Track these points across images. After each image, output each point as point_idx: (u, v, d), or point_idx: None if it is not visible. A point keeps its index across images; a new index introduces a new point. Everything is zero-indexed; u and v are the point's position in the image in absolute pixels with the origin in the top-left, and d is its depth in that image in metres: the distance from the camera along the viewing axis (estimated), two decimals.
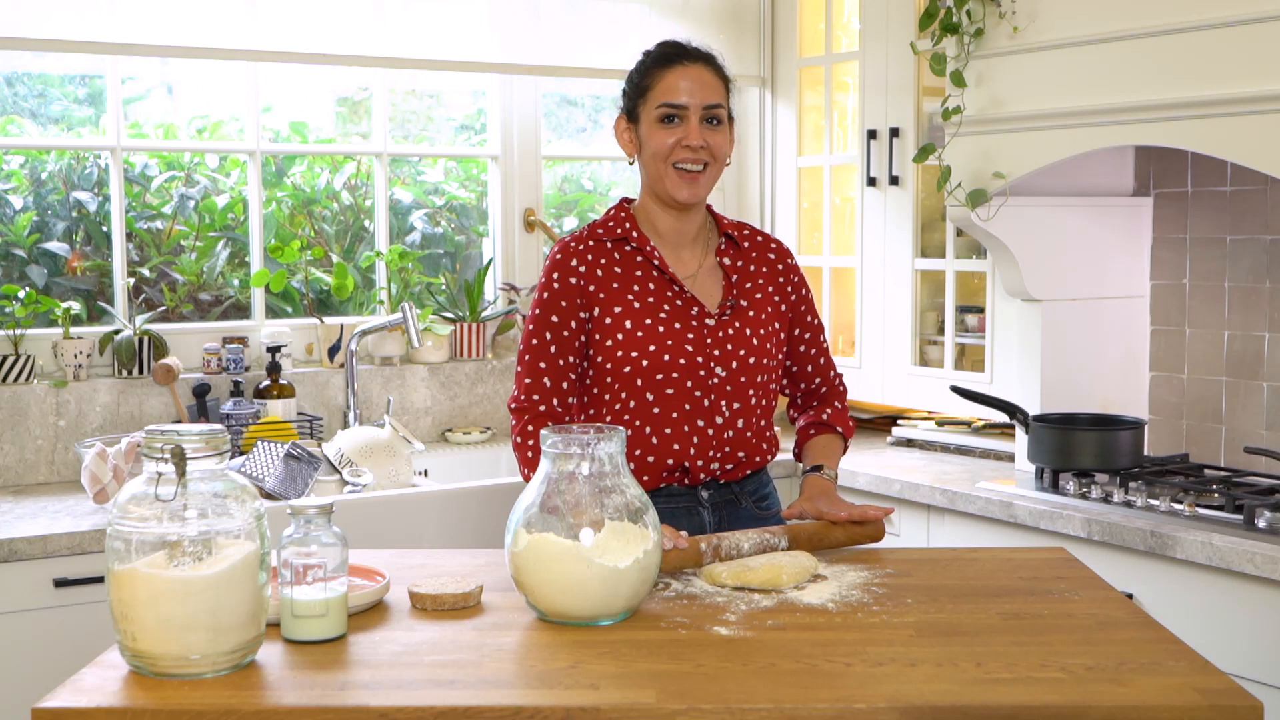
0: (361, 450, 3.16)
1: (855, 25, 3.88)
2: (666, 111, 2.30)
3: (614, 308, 2.32)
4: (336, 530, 1.79)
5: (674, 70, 2.31)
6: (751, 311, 2.37)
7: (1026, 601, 1.95)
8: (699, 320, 2.33)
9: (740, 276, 2.40)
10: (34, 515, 2.89)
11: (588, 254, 2.35)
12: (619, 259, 2.36)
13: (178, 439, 1.63)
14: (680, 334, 2.31)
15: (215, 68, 3.67)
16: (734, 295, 2.37)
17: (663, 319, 2.31)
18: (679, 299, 2.34)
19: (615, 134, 2.42)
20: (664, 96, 2.31)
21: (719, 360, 2.32)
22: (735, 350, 2.33)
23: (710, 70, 2.34)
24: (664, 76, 2.32)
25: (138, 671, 1.65)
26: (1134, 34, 2.84)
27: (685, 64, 2.32)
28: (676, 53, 2.34)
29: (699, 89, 2.30)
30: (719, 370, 2.32)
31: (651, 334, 2.30)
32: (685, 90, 2.30)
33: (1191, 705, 1.55)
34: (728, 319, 2.35)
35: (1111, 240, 3.38)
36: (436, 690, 1.59)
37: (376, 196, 3.84)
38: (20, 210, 3.51)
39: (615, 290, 2.33)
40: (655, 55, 2.36)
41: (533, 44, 3.84)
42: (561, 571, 1.80)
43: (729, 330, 2.34)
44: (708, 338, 2.32)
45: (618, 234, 2.37)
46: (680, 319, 2.32)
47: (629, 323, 2.31)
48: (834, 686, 1.60)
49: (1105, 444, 3.06)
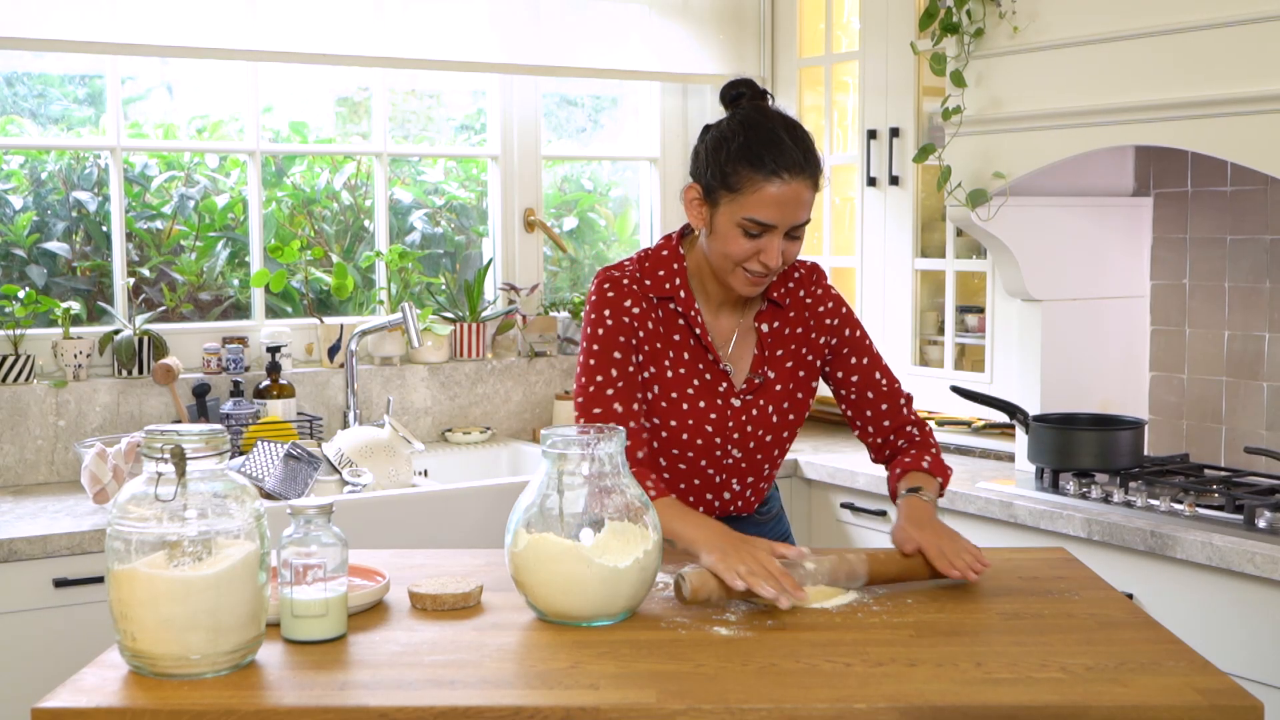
0: (361, 450, 3.16)
1: (855, 25, 3.88)
2: (751, 227, 2.09)
3: (650, 366, 2.22)
4: (336, 530, 1.79)
5: (773, 184, 2.07)
6: (778, 385, 2.27)
7: (1026, 601, 1.95)
8: (724, 398, 2.23)
9: (774, 342, 2.27)
10: (34, 515, 2.89)
11: (641, 299, 2.21)
12: (662, 316, 2.23)
13: (178, 439, 1.63)
14: (704, 413, 2.22)
15: (215, 68, 3.67)
16: (763, 370, 2.25)
17: (690, 395, 2.22)
18: (709, 372, 2.23)
19: (683, 201, 2.20)
20: (753, 211, 2.08)
21: (737, 443, 2.26)
22: (754, 432, 2.25)
23: (808, 185, 2.10)
24: (760, 187, 2.07)
25: (138, 671, 1.65)
26: (1134, 34, 2.84)
27: (788, 180, 2.07)
28: (780, 163, 2.08)
29: (793, 209, 2.09)
30: (735, 452, 2.27)
31: (675, 408, 2.22)
32: (778, 209, 2.08)
33: (1191, 705, 1.56)
34: (752, 399, 2.25)
35: (1111, 240, 3.38)
36: (436, 690, 1.59)
37: (376, 196, 3.84)
38: (20, 210, 3.51)
39: (657, 349, 2.22)
40: (754, 152, 2.09)
41: (533, 44, 3.84)
42: (561, 571, 1.80)
43: (752, 411, 2.25)
44: (730, 420, 2.24)
45: (665, 290, 2.22)
46: (707, 396, 2.22)
47: (658, 387, 2.22)
48: (834, 686, 1.60)
49: (1105, 444, 3.06)
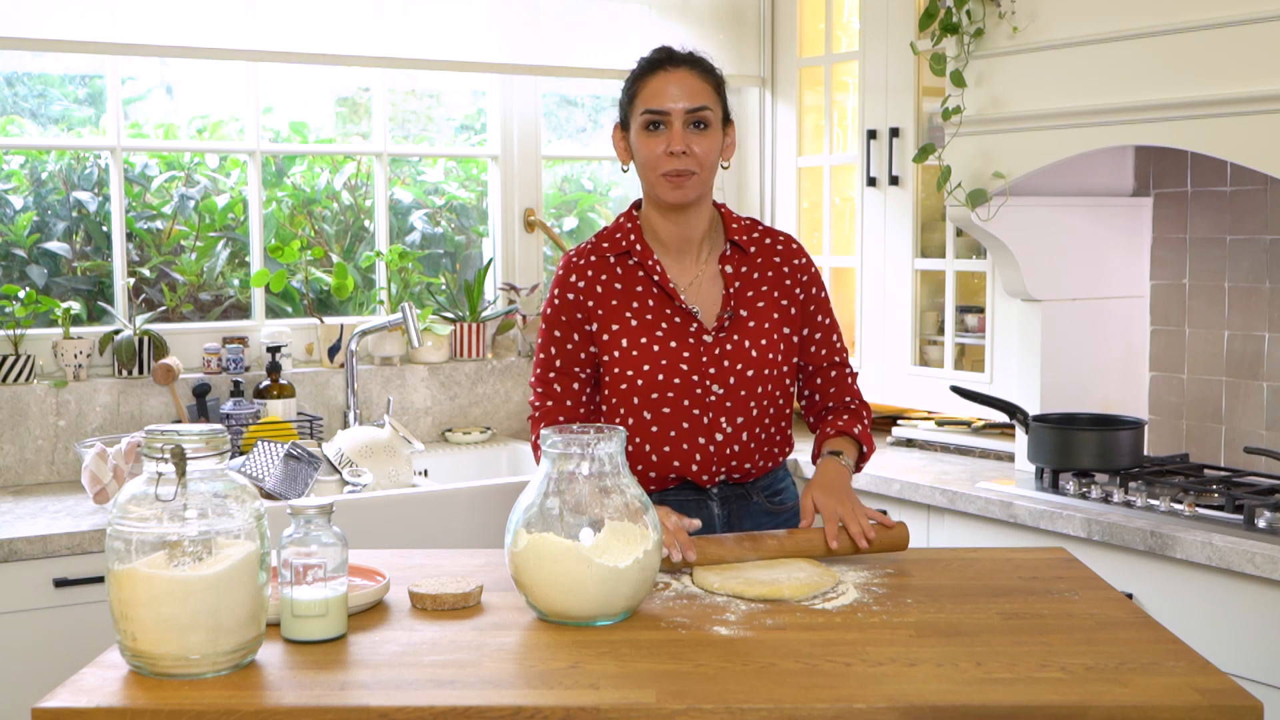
0: (361, 450, 3.16)
1: (855, 25, 3.88)
2: (650, 119, 2.27)
3: (612, 324, 2.31)
4: (336, 530, 1.79)
5: (658, 76, 2.28)
6: (752, 322, 2.33)
7: (1026, 601, 1.95)
8: (696, 337, 2.30)
9: (742, 284, 2.35)
10: (34, 515, 2.90)
11: (588, 269, 2.35)
12: (621, 273, 2.34)
13: (178, 439, 1.63)
14: (676, 352, 2.29)
15: (215, 68, 3.67)
16: (732, 306, 2.33)
17: (659, 337, 2.30)
18: (677, 315, 2.31)
19: (613, 144, 2.40)
20: (647, 103, 2.27)
21: (715, 378, 2.30)
22: (733, 366, 2.30)
23: (695, 73, 2.29)
24: (648, 83, 2.28)
25: (138, 671, 1.65)
26: (1134, 34, 2.84)
27: (669, 69, 2.28)
28: (661, 58, 2.30)
29: (682, 93, 2.26)
30: (715, 388, 2.30)
31: (647, 352, 2.29)
32: (668, 96, 2.26)
33: (1191, 705, 1.56)
34: (724, 335, 2.31)
35: (1111, 240, 3.38)
36: (436, 690, 1.59)
37: (376, 196, 3.84)
38: (20, 210, 3.51)
39: (614, 306, 2.32)
40: (642, 63, 2.33)
41: (533, 44, 3.84)
42: (561, 571, 1.80)
43: (726, 346, 2.30)
44: (704, 355, 2.29)
45: (622, 246, 2.36)
46: (677, 336, 2.30)
47: (625, 340, 2.30)
48: (834, 686, 1.60)
49: (1105, 444, 3.06)
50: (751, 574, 2.03)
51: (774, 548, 2.11)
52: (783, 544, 2.11)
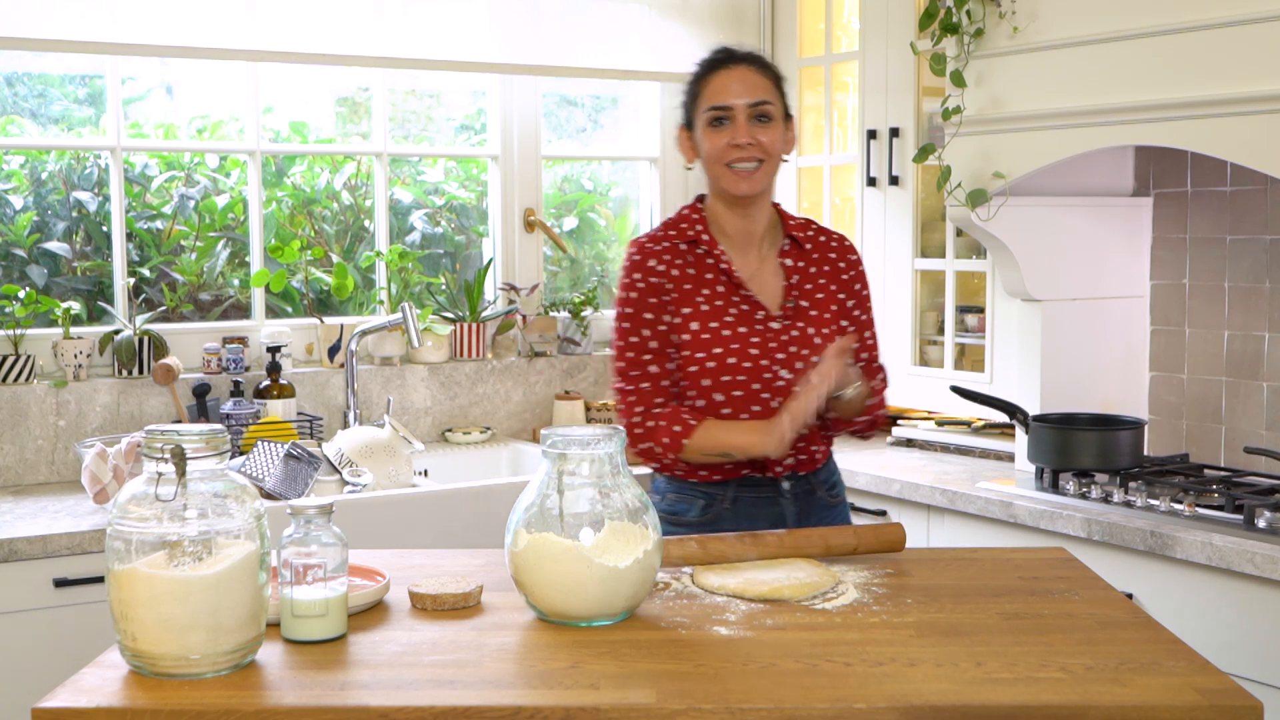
0: (361, 450, 3.16)
1: (855, 25, 3.88)
2: (715, 115, 2.37)
3: (684, 308, 2.38)
4: (336, 530, 1.79)
5: (720, 74, 2.38)
6: (814, 311, 2.43)
7: (1026, 601, 1.95)
8: (763, 324, 2.38)
9: (801, 277, 2.45)
10: (34, 515, 2.90)
11: (664, 254, 2.41)
12: (690, 260, 2.42)
13: (178, 439, 1.63)
14: (745, 337, 2.36)
15: (215, 68, 3.67)
16: (794, 296, 2.42)
17: (729, 322, 2.37)
18: (744, 303, 2.39)
19: (677, 144, 2.49)
20: (711, 100, 2.37)
21: (783, 363, 2.37)
22: (799, 352, 2.38)
23: (755, 70, 2.39)
24: (711, 81, 2.39)
25: (138, 671, 1.65)
26: (1134, 34, 2.84)
27: (730, 67, 2.39)
28: (722, 58, 2.41)
29: (744, 89, 2.36)
30: (783, 373, 2.37)
31: (718, 337, 2.36)
32: (731, 92, 2.36)
33: (1191, 705, 1.56)
34: (789, 322, 2.40)
35: (1111, 240, 3.38)
36: (436, 690, 1.59)
37: (376, 196, 3.84)
38: (20, 210, 3.51)
39: (687, 291, 2.39)
40: (703, 63, 2.43)
41: (533, 44, 3.84)
42: (561, 571, 1.80)
43: (791, 333, 2.39)
44: (771, 341, 2.38)
45: (689, 235, 2.43)
46: (745, 323, 2.38)
47: (696, 324, 2.37)
48: (834, 686, 1.60)
49: (1105, 444, 3.06)
50: (751, 574, 2.03)
51: (774, 546, 2.11)
52: (783, 543, 2.12)
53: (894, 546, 2.17)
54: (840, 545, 2.14)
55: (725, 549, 2.09)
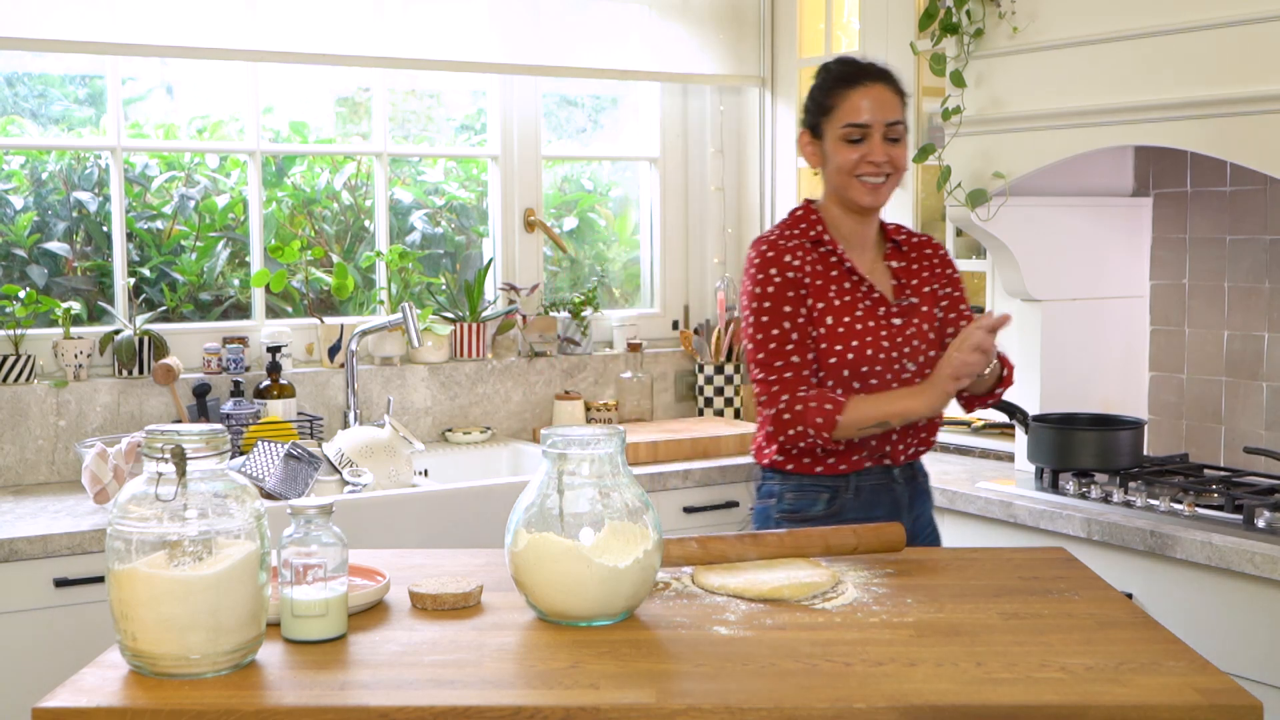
0: (361, 450, 3.16)
1: (855, 25, 3.88)
2: (851, 133, 2.45)
3: (818, 304, 2.47)
4: (336, 530, 1.79)
5: (857, 91, 2.46)
6: (924, 307, 2.55)
7: (1026, 601, 1.95)
8: (886, 319, 2.50)
9: (905, 277, 2.56)
10: (34, 515, 2.90)
11: (795, 250, 2.49)
12: (817, 258, 2.50)
13: (178, 439, 1.63)
14: (875, 331, 2.48)
15: (215, 68, 3.67)
16: (906, 294, 2.54)
17: (859, 316, 2.48)
18: (867, 299, 2.50)
19: (799, 147, 2.58)
20: (848, 117, 2.45)
21: (909, 356, 2.50)
22: (919, 346, 2.51)
23: (890, 89, 2.48)
24: (847, 97, 2.46)
25: (138, 671, 1.65)
26: (1134, 34, 2.84)
27: (867, 84, 2.46)
28: (858, 73, 2.48)
29: (880, 108, 2.45)
30: (910, 365, 2.50)
31: (852, 331, 2.46)
32: (868, 110, 2.44)
33: (1191, 705, 1.56)
34: (906, 318, 2.52)
35: (1111, 240, 3.38)
36: (436, 690, 1.59)
37: (376, 196, 3.84)
38: (20, 210, 3.51)
39: (819, 287, 2.48)
40: (837, 75, 2.50)
41: (533, 44, 3.84)
42: (561, 571, 1.80)
43: (909, 329, 2.51)
44: (897, 336, 2.49)
45: (811, 235, 2.51)
46: (872, 318, 2.49)
47: (831, 319, 2.46)
48: (834, 686, 1.60)
49: (1105, 444, 3.06)
50: (751, 574, 2.03)
51: (774, 547, 2.11)
52: (783, 543, 2.12)
53: (894, 546, 2.17)
54: (840, 545, 2.14)
55: (725, 549, 2.09)
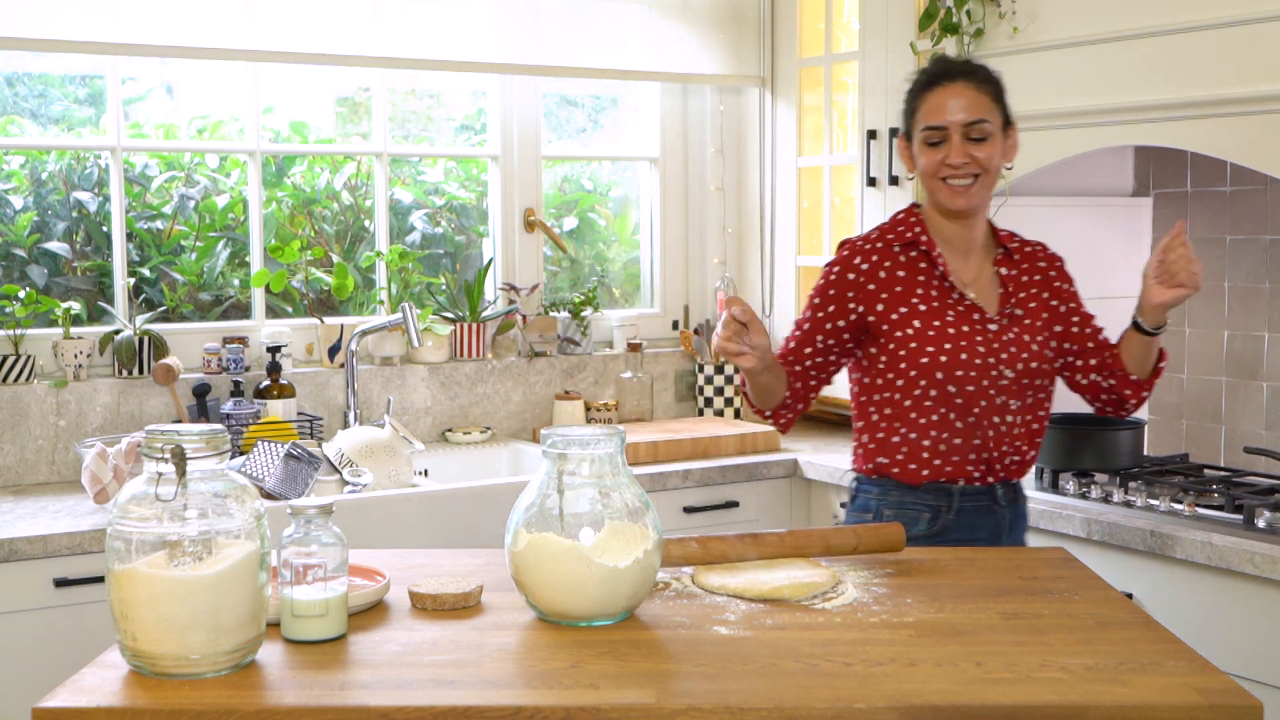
0: (361, 450, 3.16)
1: (855, 25, 3.88)
2: (930, 135, 2.41)
3: (899, 307, 2.43)
4: (336, 530, 1.79)
5: (936, 92, 2.42)
6: (1027, 320, 2.48)
7: (1026, 601, 1.95)
8: (982, 325, 2.43)
9: (1014, 286, 2.50)
10: (34, 515, 2.90)
11: (873, 254, 2.47)
12: (904, 263, 2.46)
13: (178, 439, 1.63)
14: (969, 336, 2.42)
15: (215, 68, 3.67)
16: (1011, 304, 2.47)
17: (950, 321, 2.42)
18: (960, 305, 2.44)
19: (897, 152, 2.58)
20: (926, 119, 2.42)
21: (1006, 362, 2.42)
22: (1019, 354, 2.43)
23: (971, 85, 2.41)
24: (926, 99, 2.43)
25: (138, 671, 1.65)
26: (1134, 34, 2.84)
27: (946, 84, 2.41)
28: (937, 73, 2.44)
29: (960, 107, 2.39)
30: (1007, 372, 2.42)
31: (943, 334, 2.41)
32: (944, 111, 2.40)
33: (1191, 705, 1.56)
34: (1008, 325, 2.45)
35: (1111, 240, 3.38)
36: (436, 690, 1.59)
37: (376, 196, 3.84)
38: (20, 210, 3.51)
39: (899, 293, 2.44)
40: (921, 76, 2.47)
41: (533, 44, 3.84)
42: (561, 571, 1.80)
43: (1009, 336, 2.44)
44: (994, 341, 2.43)
45: (907, 238, 2.48)
46: (965, 322, 2.43)
47: (918, 323, 2.41)
48: (834, 686, 1.60)
49: (1105, 444, 3.06)
50: (751, 574, 2.03)
51: (774, 546, 2.11)
52: (783, 543, 2.12)
53: (894, 546, 2.17)
54: (840, 545, 2.14)
55: (725, 549, 2.09)
